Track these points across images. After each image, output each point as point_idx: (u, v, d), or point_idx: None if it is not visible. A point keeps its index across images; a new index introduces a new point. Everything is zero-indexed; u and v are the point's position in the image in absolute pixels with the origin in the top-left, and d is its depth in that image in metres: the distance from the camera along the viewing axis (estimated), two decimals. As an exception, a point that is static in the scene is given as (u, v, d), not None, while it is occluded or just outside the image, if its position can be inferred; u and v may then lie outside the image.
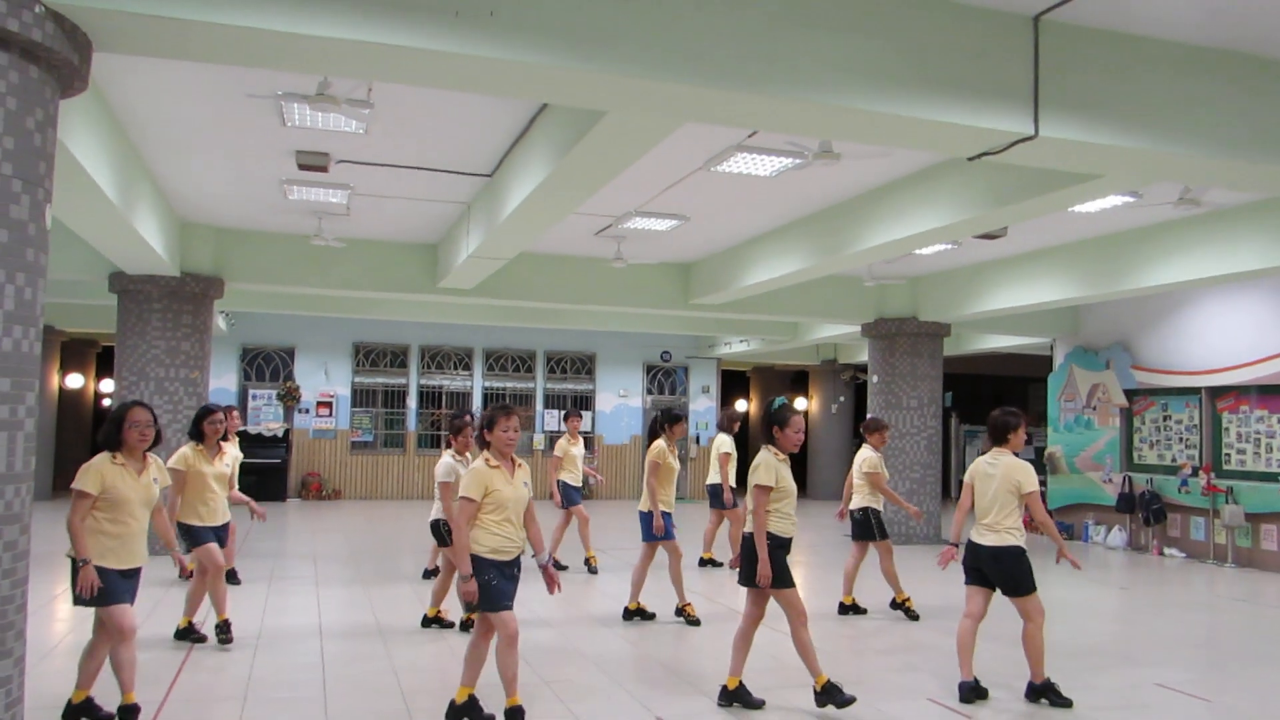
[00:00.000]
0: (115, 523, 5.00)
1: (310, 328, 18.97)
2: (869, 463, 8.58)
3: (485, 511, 5.13)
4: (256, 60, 4.67)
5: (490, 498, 5.12)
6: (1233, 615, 9.31)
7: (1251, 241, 9.41)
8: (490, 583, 5.07)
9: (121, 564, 5.01)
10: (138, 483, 5.09)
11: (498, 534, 5.13)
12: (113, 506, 4.98)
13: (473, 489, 5.10)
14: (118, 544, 5.00)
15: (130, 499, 5.02)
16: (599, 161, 6.66)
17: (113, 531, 4.99)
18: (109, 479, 4.98)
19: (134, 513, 5.06)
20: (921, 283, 14.13)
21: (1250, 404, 12.47)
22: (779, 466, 5.71)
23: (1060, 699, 5.87)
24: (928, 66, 5.13)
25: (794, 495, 5.76)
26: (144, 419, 5.15)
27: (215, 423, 6.97)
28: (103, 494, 4.95)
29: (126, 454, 5.11)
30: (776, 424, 5.79)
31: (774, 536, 5.62)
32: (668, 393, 21.72)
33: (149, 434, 5.15)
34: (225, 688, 5.96)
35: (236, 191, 9.88)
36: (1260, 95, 5.78)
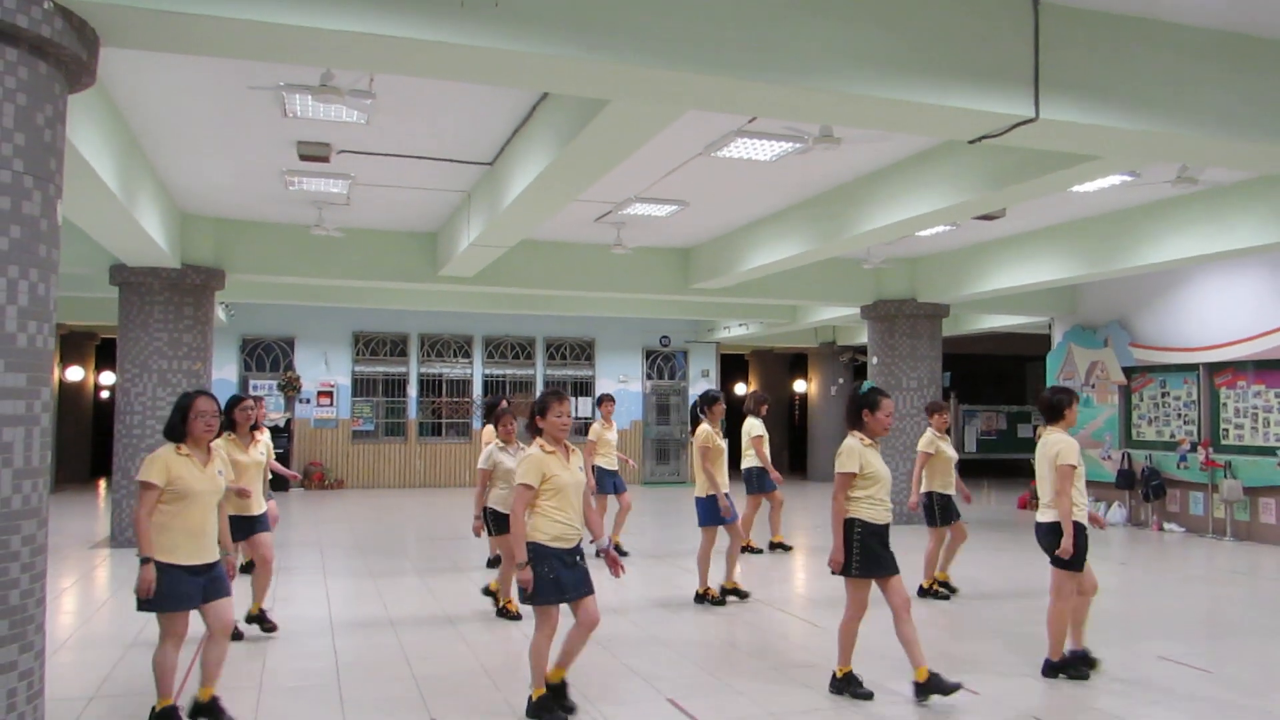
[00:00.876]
0: (181, 516, 4.81)
1: (310, 317, 18.99)
2: (920, 443, 8.73)
3: (544, 498, 5.08)
4: (262, 53, 4.69)
5: (549, 484, 5.07)
6: (1232, 588, 9.40)
7: (1247, 219, 9.46)
8: (548, 575, 5.00)
9: (190, 559, 4.81)
10: (204, 474, 4.92)
11: (559, 520, 5.09)
12: (179, 499, 4.80)
13: (531, 475, 5.06)
14: (185, 539, 4.81)
15: (197, 491, 4.85)
16: (601, 150, 6.69)
17: (179, 526, 4.80)
18: (175, 470, 4.81)
19: (202, 506, 4.88)
20: (920, 264, 14.18)
21: (1247, 379, 12.54)
22: (865, 452, 5.60)
23: (1079, 672, 6.01)
24: (929, 51, 5.16)
25: (887, 480, 5.62)
26: (210, 408, 4.96)
27: (246, 409, 6.96)
28: (168, 486, 4.78)
29: (192, 445, 4.93)
30: (867, 407, 5.66)
31: (866, 524, 5.53)
32: (667, 377, 21.77)
33: (214, 424, 4.97)
34: (238, 679, 6.02)
35: (237, 183, 9.90)
36: (1257, 75, 5.82)
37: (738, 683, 5.96)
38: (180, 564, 4.78)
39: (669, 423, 21.58)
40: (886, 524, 5.60)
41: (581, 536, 5.18)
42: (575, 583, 5.08)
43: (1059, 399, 6.19)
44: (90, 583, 9.18)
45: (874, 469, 5.57)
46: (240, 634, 6.84)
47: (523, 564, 4.98)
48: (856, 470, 5.54)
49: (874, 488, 5.58)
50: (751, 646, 6.94)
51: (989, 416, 21.97)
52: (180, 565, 4.78)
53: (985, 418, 21.98)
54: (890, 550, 5.58)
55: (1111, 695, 5.73)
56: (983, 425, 22.03)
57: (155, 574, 4.69)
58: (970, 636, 7.26)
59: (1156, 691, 5.81)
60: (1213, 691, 5.82)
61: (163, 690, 4.89)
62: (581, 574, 5.12)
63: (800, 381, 24.69)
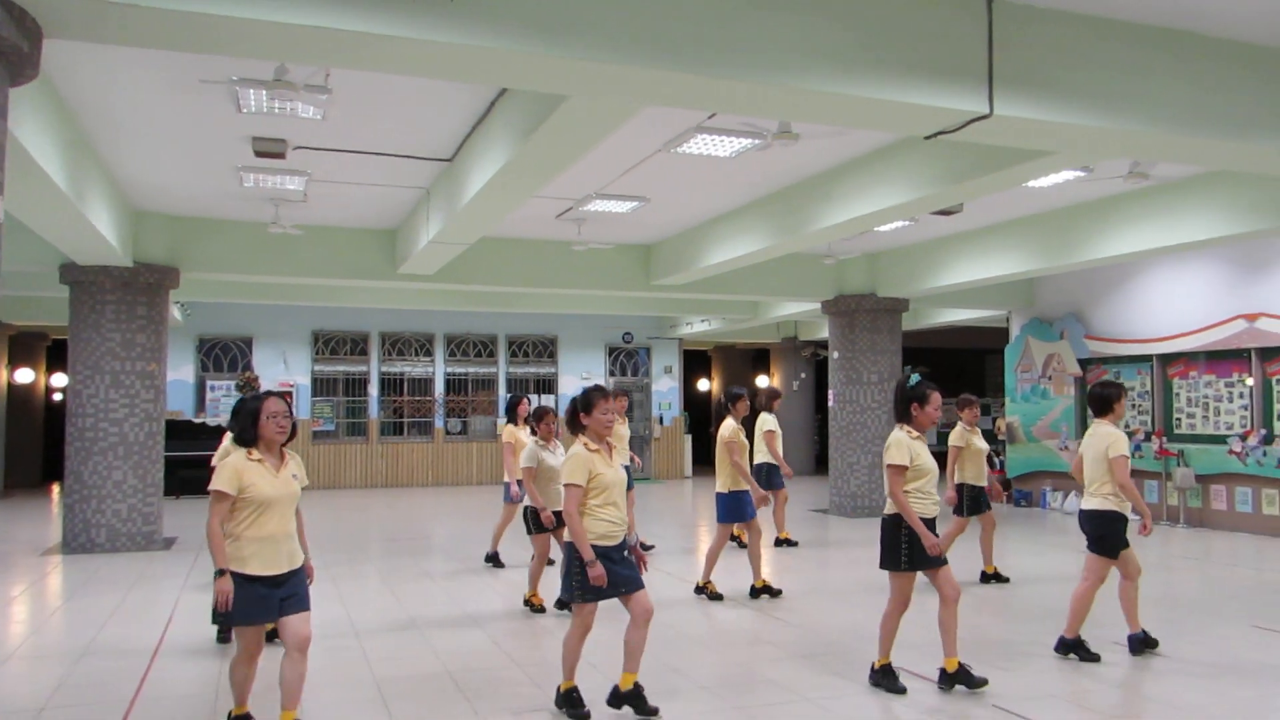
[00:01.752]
0: (256, 525, 4.57)
1: (268, 316, 18.76)
2: (951, 437, 8.94)
3: (590, 497, 5.07)
4: (211, 46, 4.61)
5: (595, 482, 5.07)
6: (1186, 574, 9.58)
7: (1198, 213, 9.63)
8: (600, 572, 4.99)
9: (264, 570, 4.57)
10: (278, 479, 4.67)
11: (605, 519, 5.09)
12: (252, 507, 4.57)
13: (578, 474, 5.05)
14: (258, 548, 4.56)
15: (271, 497, 4.60)
16: (560, 145, 6.66)
17: (253, 535, 4.57)
18: (247, 477, 4.57)
19: (277, 513, 4.62)
20: (880, 259, 14.29)
21: (1199, 370, 12.79)
22: (913, 445, 5.62)
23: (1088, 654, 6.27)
24: (885, 48, 5.19)
25: (935, 473, 5.65)
26: (281, 409, 4.71)
27: None
28: (240, 495, 4.55)
29: (264, 449, 4.69)
30: (916, 400, 5.67)
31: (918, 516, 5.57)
32: (630, 374, 21.77)
33: (287, 425, 4.72)
34: (193, 687, 5.93)
35: (191, 179, 9.75)
36: (1205, 72, 5.92)
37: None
38: (254, 574, 4.55)
39: (632, 419, 21.56)
40: (934, 516, 5.65)
41: (625, 532, 5.21)
42: (625, 578, 5.08)
43: (1108, 393, 6.44)
44: (41, 590, 9.00)
45: (922, 461, 5.61)
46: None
47: (591, 562, 4.95)
48: (907, 463, 5.55)
49: (922, 480, 5.61)
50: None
51: (949, 409, 22.18)
52: (254, 576, 4.55)
53: (945, 410, 22.18)
54: None
55: (1073, 677, 5.80)
56: (942, 418, 22.21)
57: (233, 584, 4.49)
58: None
59: (1116, 672, 5.90)
60: (1169, 671, 5.92)
61: (237, 698, 4.80)
62: (630, 568, 5.15)
63: (763, 377, 24.78)
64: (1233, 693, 5.66)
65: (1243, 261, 12.23)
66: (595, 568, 4.94)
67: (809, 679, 5.90)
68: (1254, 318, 12.07)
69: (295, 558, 4.71)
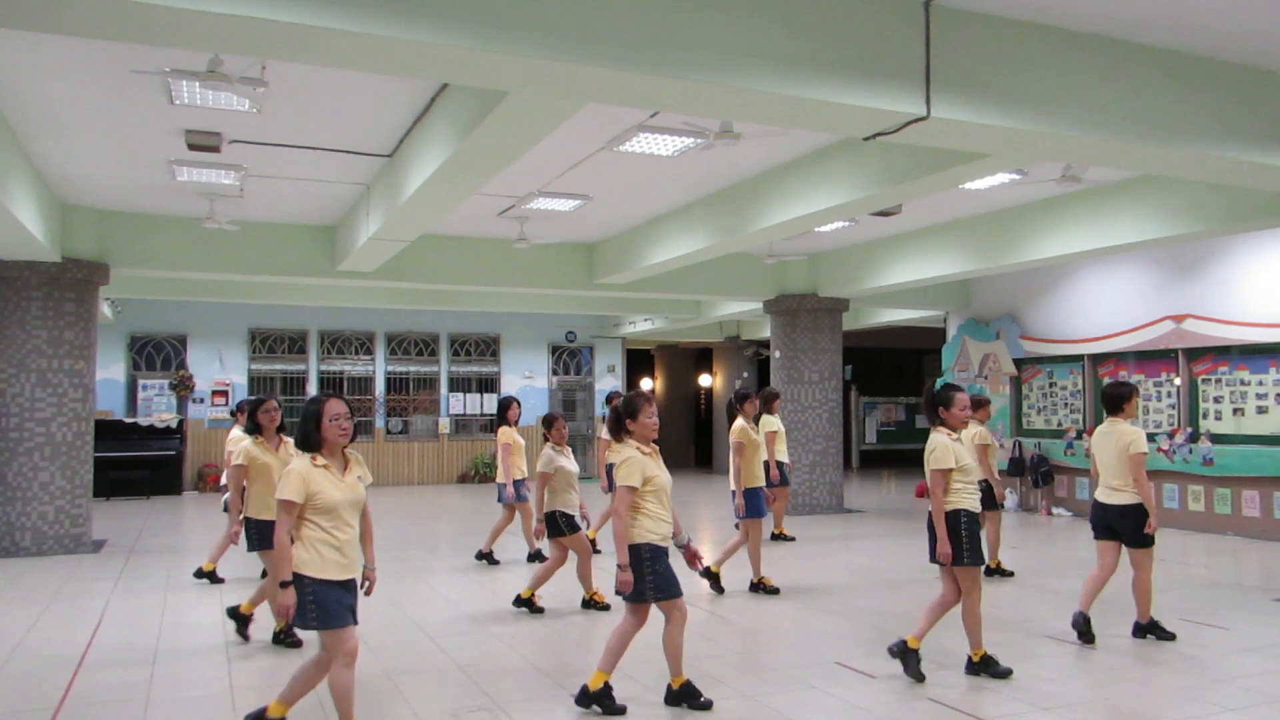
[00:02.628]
0: (328, 531, 4.49)
1: (203, 314, 18.38)
2: (977, 435, 8.83)
3: (646, 499, 5.15)
4: (142, 36, 4.47)
5: (650, 484, 5.15)
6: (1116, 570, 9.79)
7: (1128, 216, 9.89)
8: (665, 572, 5.12)
9: (345, 574, 4.50)
10: (344, 483, 4.57)
11: (664, 519, 5.20)
12: (323, 514, 4.47)
13: (634, 477, 5.13)
14: (334, 553, 4.48)
15: (339, 501, 4.50)
16: (502, 142, 6.61)
17: (328, 540, 4.48)
18: (313, 484, 4.46)
19: (346, 517, 4.54)
20: (821, 259, 14.43)
21: (1128, 370, 13.12)
22: (954, 446, 5.82)
23: (1165, 633, 6.70)
24: (824, 49, 5.24)
25: (975, 469, 5.89)
26: (343, 410, 4.60)
27: (270, 411, 6.70)
28: (309, 502, 4.45)
29: (327, 453, 4.58)
30: (941, 404, 5.91)
31: (969, 513, 5.77)
32: (573, 373, 21.72)
33: (349, 428, 4.61)
34: (119, 690, 5.79)
35: (121, 172, 9.51)
36: (1134, 79, 6.08)
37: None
38: (334, 579, 4.47)
39: (576, 419, 21.52)
40: (978, 512, 5.88)
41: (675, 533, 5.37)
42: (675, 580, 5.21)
43: (1119, 392, 6.72)
44: (-36, 593, 8.71)
45: (965, 460, 5.84)
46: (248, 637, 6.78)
47: (624, 565, 5.03)
48: (954, 465, 5.75)
49: (968, 478, 5.84)
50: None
51: (888, 408, 22.49)
52: (334, 581, 4.47)
53: (884, 409, 22.49)
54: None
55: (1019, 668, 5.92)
56: (882, 416, 22.54)
57: (295, 597, 4.39)
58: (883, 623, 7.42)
59: (1046, 667, 6.02)
60: (1099, 663, 6.05)
61: (342, 713, 4.53)
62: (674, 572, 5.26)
63: (705, 376, 24.90)
64: (1162, 681, 5.81)
65: (1170, 264, 12.57)
66: (625, 573, 5.06)
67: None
68: (1181, 319, 12.41)
69: (357, 566, 4.64)
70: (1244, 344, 11.64)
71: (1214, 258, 12.03)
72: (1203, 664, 6.24)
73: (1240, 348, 11.70)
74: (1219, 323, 11.94)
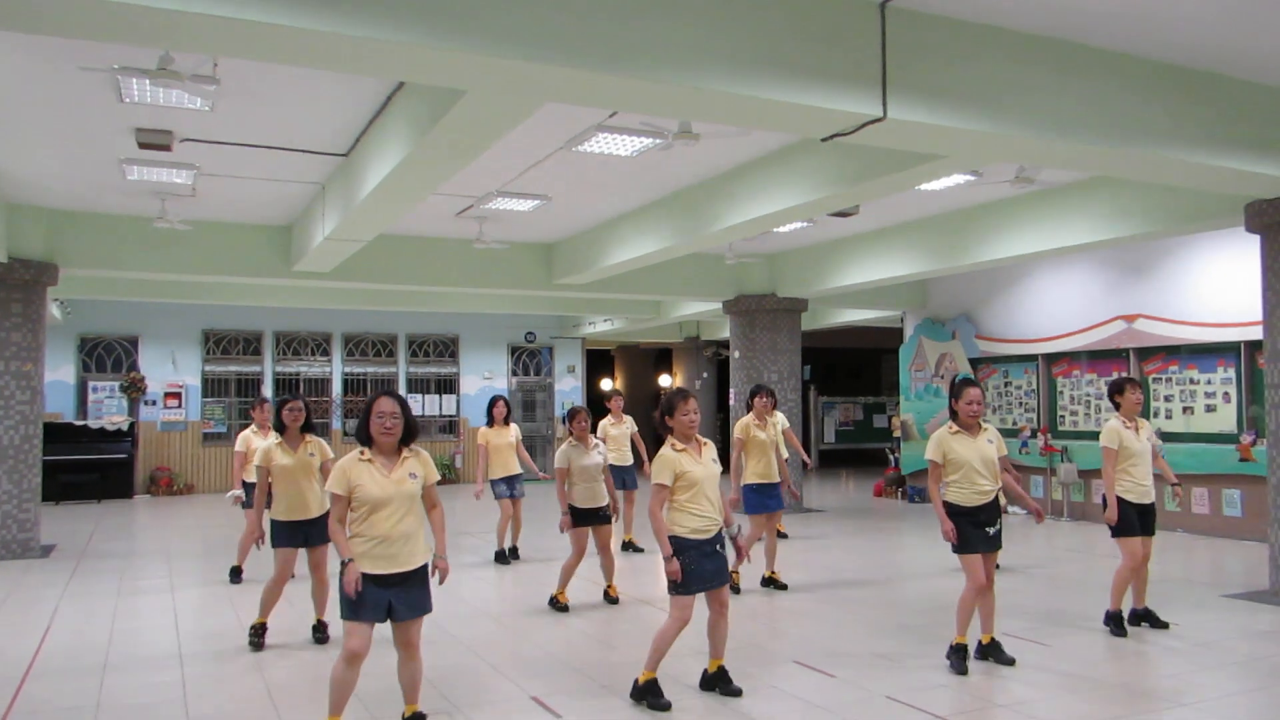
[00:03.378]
0: (368, 524, 4.60)
1: (155, 315, 18.07)
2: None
3: (680, 494, 5.31)
4: (89, 32, 4.39)
5: (682, 480, 5.30)
6: (1068, 566, 9.95)
7: (1080, 217, 10.05)
8: (689, 567, 5.24)
9: (376, 569, 4.57)
10: (389, 479, 4.66)
11: (696, 514, 5.31)
12: (363, 507, 4.61)
13: (664, 475, 5.31)
14: (371, 547, 4.58)
15: (378, 497, 4.60)
16: (459, 141, 6.57)
17: (366, 534, 4.60)
18: (354, 478, 4.62)
19: (389, 513, 4.62)
20: (779, 260, 14.50)
21: (1081, 369, 13.33)
22: (949, 440, 6.05)
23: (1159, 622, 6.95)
24: (782, 50, 5.26)
25: (970, 465, 6.00)
26: (390, 409, 4.71)
27: (295, 410, 6.68)
28: (352, 495, 4.61)
29: (375, 449, 4.71)
30: (954, 398, 6.12)
31: (953, 505, 6.01)
32: (533, 374, 21.65)
33: (395, 427, 4.68)
34: (71, 700, 5.68)
35: (69, 171, 9.31)
36: (1083, 80, 6.17)
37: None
38: (367, 573, 4.56)
39: (535, 419, 21.46)
40: (977, 505, 6.01)
41: (721, 525, 5.42)
42: (715, 572, 5.35)
43: (1114, 387, 6.94)
44: (-93, 602, 8.49)
45: (956, 455, 6.02)
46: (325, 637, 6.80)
47: (669, 557, 5.22)
48: (940, 460, 6.03)
49: (959, 473, 6.01)
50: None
51: (846, 407, 22.64)
52: (367, 575, 4.56)
53: (843, 409, 22.65)
54: (983, 529, 6.00)
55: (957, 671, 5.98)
56: (840, 416, 22.70)
57: (358, 572, 4.53)
58: (846, 623, 7.46)
59: (1002, 666, 6.09)
60: (1052, 664, 6.14)
61: (334, 704, 4.60)
62: (721, 563, 5.40)
63: (665, 376, 24.94)
64: (1118, 677, 5.90)
65: (1122, 265, 12.79)
66: (671, 563, 5.20)
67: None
68: (1132, 319, 12.63)
69: (412, 559, 4.67)
70: (1194, 343, 11.87)
71: (1165, 258, 12.26)
72: (1151, 660, 6.34)
73: (1190, 347, 11.92)
74: (1169, 322, 12.16)
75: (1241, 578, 9.05)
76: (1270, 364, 8.06)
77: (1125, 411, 6.91)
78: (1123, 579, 6.87)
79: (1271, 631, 6.98)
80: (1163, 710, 5.32)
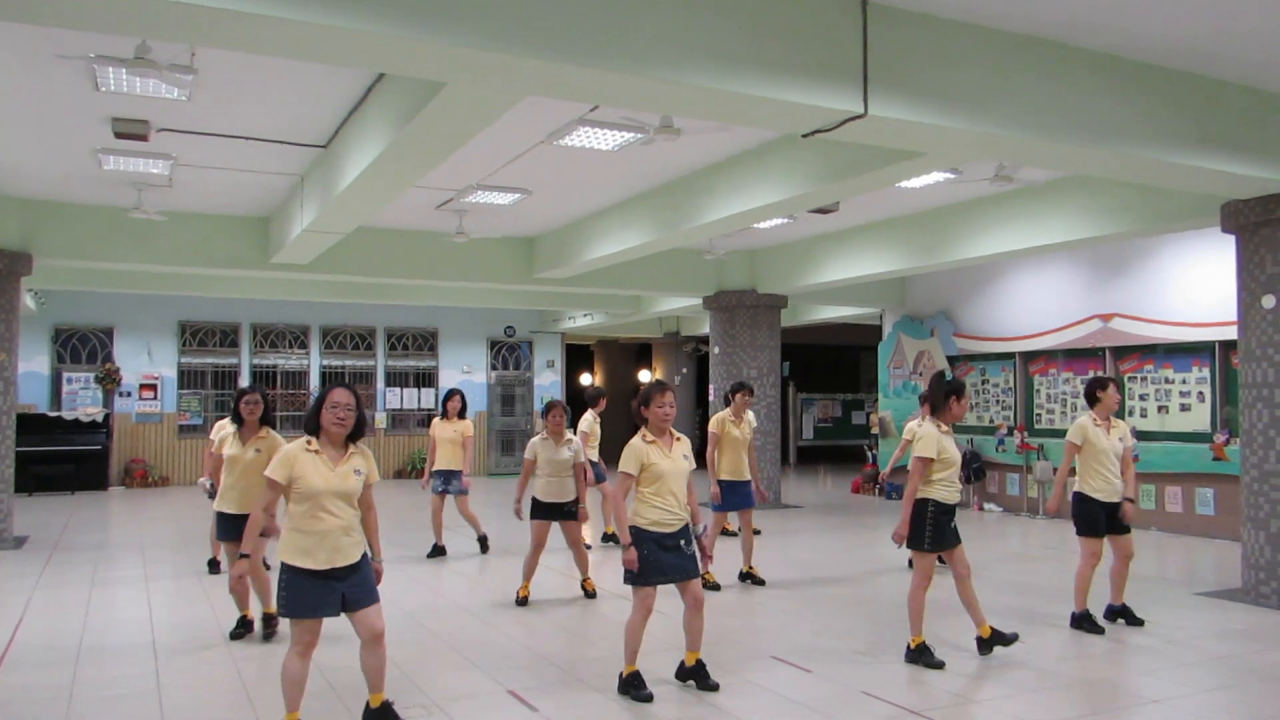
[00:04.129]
0: (308, 518, 4.49)
1: (131, 306, 17.92)
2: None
3: (644, 485, 5.36)
4: (66, 19, 4.34)
5: (647, 471, 5.34)
6: (1044, 563, 10.04)
7: (1058, 216, 10.11)
8: (646, 557, 5.28)
9: (317, 564, 4.46)
10: (334, 473, 4.54)
11: (659, 506, 5.34)
12: (304, 500, 4.49)
13: (630, 464, 5.35)
14: (314, 541, 4.47)
15: (321, 490, 4.49)
16: (440, 134, 6.54)
17: (308, 528, 4.48)
18: (299, 468, 4.49)
19: (330, 506, 4.51)
20: (760, 256, 14.53)
21: (1058, 367, 13.42)
22: (942, 439, 6.07)
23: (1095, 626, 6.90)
24: (763, 46, 5.26)
25: (959, 464, 6.13)
26: (345, 400, 4.68)
27: (252, 403, 6.60)
28: (292, 485, 4.49)
29: (323, 440, 4.60)
30: (955, 393, 6.19)
31: (939, 504, 6.03)
32: (512, 368, 21.60)
33: (347, 418, 4.62)
34: (45, 693, 5.63)
35: (44, 160, 9.21)
36: (1061, 79, 6.21)
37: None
38: (303, 567, 4.45)
39: (514, 414, 21.42)
40: (956, 504, 6.16)
41: (685, 521, 5.44)
42: (674, 565, 5.35)
43: (1089, 387, 7.01)
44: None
45: (949, 453, 6.07)
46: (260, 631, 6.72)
47: (626, 546, 5.27)
48: (935, 455, 6.01)
49: (949, 471, 6.08)
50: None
51: (825, 404, 22.74)
52: (304, 569, 4.45)
53: (822, 405, 22.73)
54: (955, 525, 6.13)
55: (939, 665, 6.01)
56: (819, 413, 22.77)
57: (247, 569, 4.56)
58: (825, 619, 7.49)
59: (976, 660, 6.13)
60: (1025, 660, 6.19)
61: (289, 701, 4.52)
62: (685, 558, 5.40)
63: (645, 371, 24.95)
64: (1093, 674, 5.95)
65: (1098, 264, 12.89)
66: (629, 552, 5.25)
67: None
68: (1108, 318, 12.73)
69: (352, 552, 4.57)
70: (1169, 343, 11.97)
71: (1141, 258, 12.36)
72: (1124, 657, 6.40)
73: (1165, 346, 12.03)
74: (1145, 322, 12.27)
75: (1214, 576, 9.15)
76: (1244, 364, 8.14)
77: (1101, 409, 6.95)
78: (1084, 578, 6.91)
79: (1244, 630, 7.06)
80: (1135, 707, 5.38)
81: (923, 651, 6.02)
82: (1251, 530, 8.02)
